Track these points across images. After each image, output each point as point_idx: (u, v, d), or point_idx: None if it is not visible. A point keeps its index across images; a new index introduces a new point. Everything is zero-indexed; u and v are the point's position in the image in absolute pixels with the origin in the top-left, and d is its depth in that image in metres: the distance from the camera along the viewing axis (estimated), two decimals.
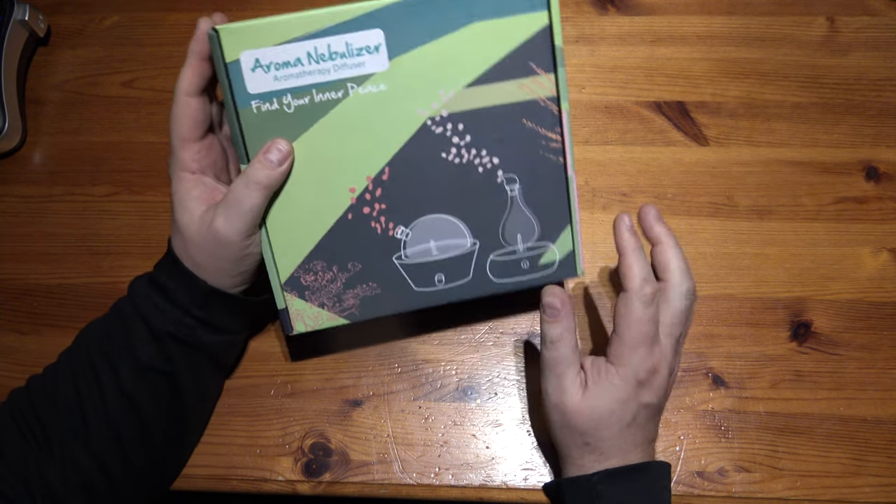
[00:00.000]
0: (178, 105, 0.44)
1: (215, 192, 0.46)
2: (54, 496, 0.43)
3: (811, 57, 0.64)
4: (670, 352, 0.44)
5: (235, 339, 0.50)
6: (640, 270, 0.43)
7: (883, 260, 0.56)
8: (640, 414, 0.43)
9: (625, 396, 0.43)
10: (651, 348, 0.43)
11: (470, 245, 0.47)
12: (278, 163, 0.43)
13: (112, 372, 0.45)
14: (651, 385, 0.43)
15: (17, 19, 0.64)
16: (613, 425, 0.43)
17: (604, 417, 0.43)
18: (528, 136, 0.45)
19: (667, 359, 0.43)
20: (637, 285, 0.42)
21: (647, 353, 0.43)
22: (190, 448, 0.51)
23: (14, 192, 0.62)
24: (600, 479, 0.43)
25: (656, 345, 0.43)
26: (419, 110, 0.44)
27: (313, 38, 0.42)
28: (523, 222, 0.47)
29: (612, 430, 0.43)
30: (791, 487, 0.49)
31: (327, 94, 0.43)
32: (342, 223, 0.46)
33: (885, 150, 0.60)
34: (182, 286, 0.45)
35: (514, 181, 0.46)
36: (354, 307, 0.48)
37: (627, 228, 0.44)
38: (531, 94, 0.45)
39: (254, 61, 0.42)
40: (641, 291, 0.42)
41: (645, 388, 0.43)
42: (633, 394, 0.43)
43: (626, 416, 0.43)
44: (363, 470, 0.50)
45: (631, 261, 0.43)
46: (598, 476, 0.43)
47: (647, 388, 0.43)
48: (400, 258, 0.47)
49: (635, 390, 0.43)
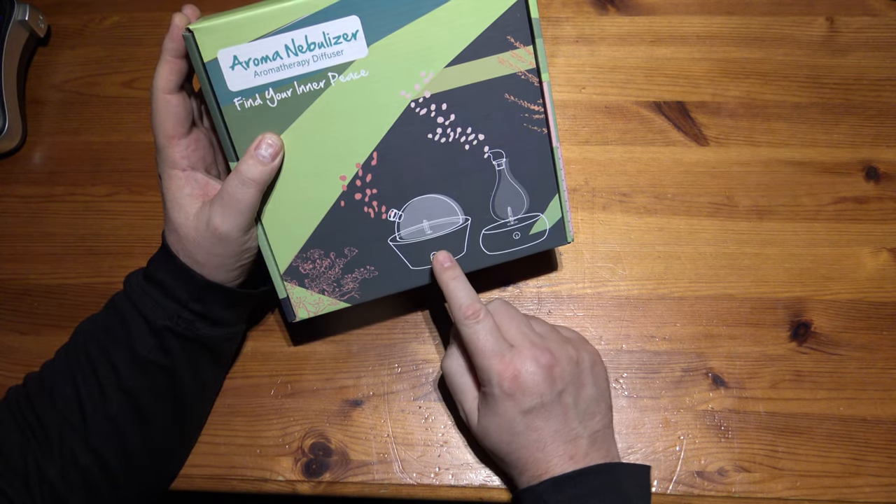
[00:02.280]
0: (159, 104, 0.44)
1: (207, 187, 0.45)
2: (54, 493, 0.43)
3: (811, 57, 0.64)
4: (533, 349, 0.43)
5: (234, 331, 0.50)
6: (457, 297, 0.45)
7: (883, 260, 0.56)
8: (529, 421, 0.43)
9: (501, 411, 0.43)
10: (502, 357, 0.43)
11: (462, 221, 0.48)
12: (271, 157, 0.43)
13: (110, 367, 0.45)
14: (523, 390, 0.42)
15: (18, 19, 0.64)
16: (506, 440, 0.44)
17: (494, 434, 0.44)
18: (512, 110, 0.46)
19: (531, 357, 0.43)
20: (458, 310, 0.44)
21: (500, 363, 0.43)
22: (190, 444, 0.51)
23: (14, 192, 0.62)
24: (546, 489, 0.42)
25: (508, 352, 0.43)
26: (402, 93, 0.44)
27: (290, 30, 0.42)
28: (512, 195, 0.48)
29: (510, 443, 0.44)
30: (791, 487, 0.49)
31: (309, 86, 0.43)
32: (335, 211, 0.46)
33: (885, 150, 0.60)
34: (179, 281, 0.45)
35: (501, 155, 0.47)
36: (354, 290, 0.49)
37: (441, 264, 0.47)
38: (511, 68, 0.45)
39: (232, 59, 0.42)
40: (464, 314, 0.44)
41: (519, 392, 0.43)
42: (508, 405, 0.43)
43: (515, 427, 0.43)
44: (363, 470, 0.50)
45: (450, 290, 0.46)
46: (545, 485, 0.42)
47: (521, 393, 0.42)
48: (395, 240, 0.48)
49: (508, 401, 0.43)
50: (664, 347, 0.53)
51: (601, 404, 0.45)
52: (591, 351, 0.47)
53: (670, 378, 0.52)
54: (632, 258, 0.56)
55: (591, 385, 0.45)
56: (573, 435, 0.43)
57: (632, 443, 0.50)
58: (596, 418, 0.45)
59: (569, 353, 0.44)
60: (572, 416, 0.44)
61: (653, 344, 0.53)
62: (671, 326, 0.54)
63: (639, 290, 0.55)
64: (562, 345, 0.45)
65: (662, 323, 0.54)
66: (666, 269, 0.56)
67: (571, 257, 0.56)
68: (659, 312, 0.54)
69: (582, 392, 0.44)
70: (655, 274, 0.56)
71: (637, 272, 0.56)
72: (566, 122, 0.62)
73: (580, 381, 0.44)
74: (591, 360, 0.46)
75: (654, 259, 0.56)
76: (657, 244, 0.57)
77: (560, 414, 0.43)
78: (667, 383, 0.52)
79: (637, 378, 0.52)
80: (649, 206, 0.58)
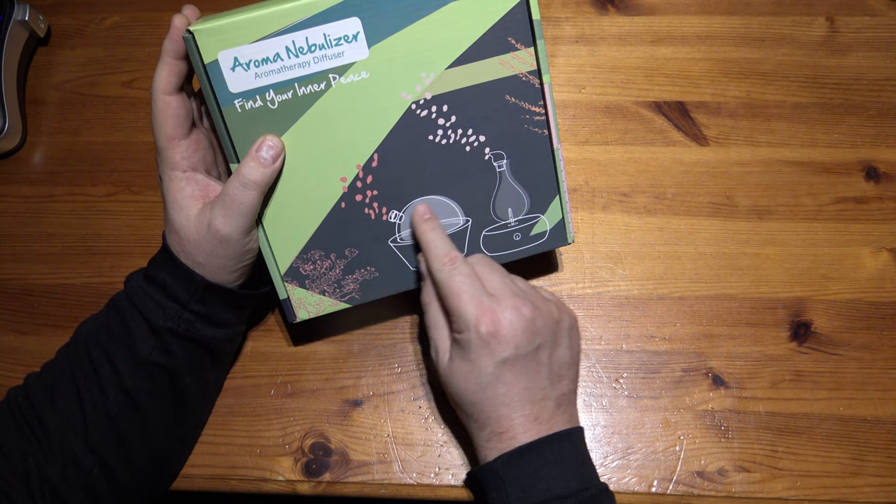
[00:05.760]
0: (158, 105, 0.44)
1: (208, 188, 0.45)
2: (55, 493, 0.43)
3: (811, 57, 0.64)
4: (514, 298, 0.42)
5: (234, 332, 0.50)
6: (435, 246, 0.44)
7: (883, 260, 0.56)
8: (500, 372, 0.42)
9: (472, 356, 0.42)
10: (480, 302, 0.42)
11: (463, 223, 0.48)
12: (272, 160, 0.43)
13: (111, 367, 0.45)
14: (499, 338, 0.41)
15: (18, 19, 0.64)
16: (473, 390, 0.42)
17: (461, 381, 0.43)
18: (513, 112, 0.46)
19: (511, 306, 0.42)
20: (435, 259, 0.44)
21: (477, 308, 0.41)
22: (190, 444, 0.51)
23: (14, 192, 0.62)
24: (502, 464, 0.41)
25: (486, 298, 0.42)
26: (403, 95, 0.44)
27: (290, 31, 0.42)
28: (513, 196, 0.48)
29: (476, 394, 0.42)
30: (791, 487, 0.49)
31: (310, 87, 0.43)
32: (336, 212, 0.46)
33: (885, 150, 0.60)
34: (180, 282, 0.45)
35: (502, 157, 0.47)
36: (355, 291, 0.49)
37: (420, 215, 0.46)
38: (512, 69, 0.45)
39: (233, 60, 0.42)
40: (441, 262, 0.43)
41: (492, 343, 0.41)
42: (481, 353, 0.41)
43: (483, 378, 0.42)
44: (363, 470, 0.50)
45: (428, 239, 0.45)
46: (500, 461, 0.41)
47: (494, 342, 0.41)
48: (395, 241, 0.48)
49: (483, 349, 0.41)
50: (664, 347, 0.53)
51: (572, 369, 0.45)
52: (570, 314, 0.46)
53: (670, 378, 0.52)
54: (632, 258, 0.56)
55: (567, 347, 0.44)
56: (541, 395, 0.43)
57: (632, 443, 0.50)
58: (564, 381, 0.44)
59: (550, 310, 0.44)
60: (544, 374, 0.43)
61: (653, 344, 0.53)
62: (671, 326, 0.54)
63: (639, 290, 0.55)
64: (544, 301, 0.44)
65: (662, 323, 0.54)
66: (666, 269, 0.56)
67: (572, 257, 0.57)
68: (659, 312, 0.54)
69: (556, 352, 0.44)
70: (655, 274, 0.56)
71: (637, 272, 0.56)
72: (566, 123, 0.62)
73: (557, 341, 0.44)
74: (570, 322, 0.45)
75: (654, 259, 0.56)
76: (657, 244, 0.57)
77: (532, 371, 0.42)
78: (667, 383, 0.52)
79: (637, 378, 0.52)
80: (649, 206, 0.58)
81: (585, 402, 0.52)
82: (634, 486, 0.49)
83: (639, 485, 0.49)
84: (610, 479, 0.49)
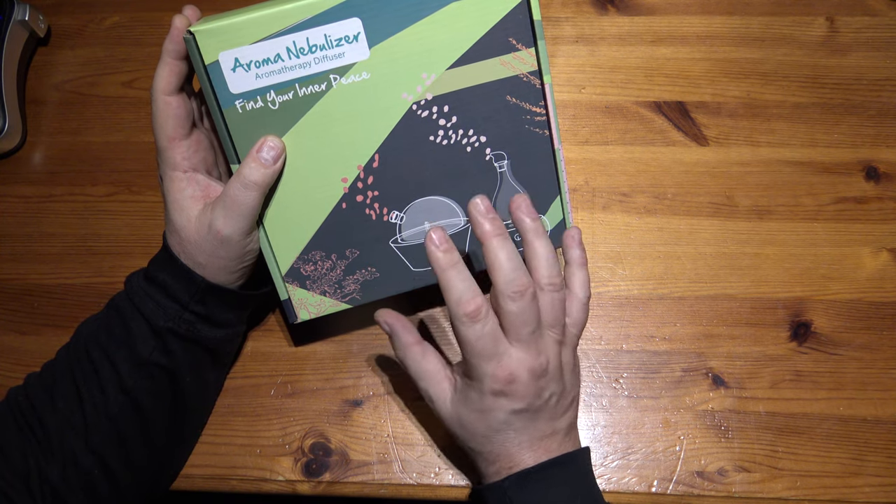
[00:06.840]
0: (159, 106, 0.44)
1: (209, 188, 0.45)
2: (55, 494, 0.43)
3: (811, 57, 0.64)
4: (528, 355, 0.41)
5: (235, 332, 0.50)
6: (455, 290, 0.39)
7: (883, 260, 0.56)
8: (512, 420, 0.42)
9: (485, 408, 0.41)
10: (499, 361, 0.40)
11: (464, 223, 0.48)
12: (273, 161, 0.43)
13: (112, 367, 0.45)
14: (514, 393, 0.41)
15: (18, 19, 0.64)
16: (483, 432, 0.42)
17: (471, 425, 0.42)
18: (513, 112, 0.46)
19: (525, 363, 0.40)
20: (456, 305, 0.39)
21: (495, 367, 0.40)
22: (191, 444, 0.51)
23: (14, 192, 0.62)
24: (511, 485, 0.41)
25: (504, 356, 0.40)
26: (404, 95, 0.44)
27: (291, 32, 0.42)
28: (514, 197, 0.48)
29: (487, 437, 0.42)
30: (791, 487, 0.49)
31: (311, 88, 0.43)
32: (337, 213, 0.46)
33: (885, 150, 0.60)
34: (180, 282, 0.45)
35: (503, 157, 0.47)
36: (355, 292, 0.49)
37: (436, 245, 0.40)
38: (513, 70, 0.45)
39: (233, 61, 0.42)
40: (464, 311, 0.39)
41: (507, 397, 0.41)
42: (494, 404, 0.41)
43: (494, 424, 0.42)
44: (363, 470, 0.50)
45: (446, 279, 0.39)
46: (510, 481, 0.41)
47: (510, 397, 0.41)
48: (396, 241, 0.48)
49: (495, 401, 0.41)
50: (664, 347, 0.53)
51: (576, 393, 0.45)
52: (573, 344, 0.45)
53: (670, 378, 0.52)
54: (632, 258, 0.56)
55: (572, 385, 0.45)
56: (551, 431, 0.43)
57: (632, 443, 0.50)
58: (570, 411, 0.44)
59: (559, 357, 0.43)
60: (554, 414, 0.43)
61: (653, 344, 0.53)
62: (671, 326, 0.54)
63: (639, 290, 0.55)
64: (553, 344, 0.43)
65: (662, 323, 0.54)
66: (666, 269, 0.56)
67: None
68: (659, 312, 0.54)
69: (563, 393, 0.44)
70: (655, 274, 0.56)
71: (637, 272, 0.56)
72: (566, 122, 0.62)
73: (563, 381, 0.44)
74: (574, 359, 0.45)
75: (654, 259, 0.56)
76: (657, 244, 0.57)
77: (544, 414, 0.42)
78: (667, 383, 0.52)
79: (637, 378, 0.52)
80: (649, 206, 0.58)
81: (585, 402, 0.52)
82: (634, 486, 0.49)
83: (639, 485, 0.49)
84: (610, 479, 0.49)
